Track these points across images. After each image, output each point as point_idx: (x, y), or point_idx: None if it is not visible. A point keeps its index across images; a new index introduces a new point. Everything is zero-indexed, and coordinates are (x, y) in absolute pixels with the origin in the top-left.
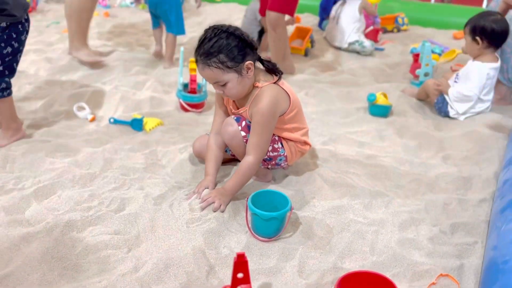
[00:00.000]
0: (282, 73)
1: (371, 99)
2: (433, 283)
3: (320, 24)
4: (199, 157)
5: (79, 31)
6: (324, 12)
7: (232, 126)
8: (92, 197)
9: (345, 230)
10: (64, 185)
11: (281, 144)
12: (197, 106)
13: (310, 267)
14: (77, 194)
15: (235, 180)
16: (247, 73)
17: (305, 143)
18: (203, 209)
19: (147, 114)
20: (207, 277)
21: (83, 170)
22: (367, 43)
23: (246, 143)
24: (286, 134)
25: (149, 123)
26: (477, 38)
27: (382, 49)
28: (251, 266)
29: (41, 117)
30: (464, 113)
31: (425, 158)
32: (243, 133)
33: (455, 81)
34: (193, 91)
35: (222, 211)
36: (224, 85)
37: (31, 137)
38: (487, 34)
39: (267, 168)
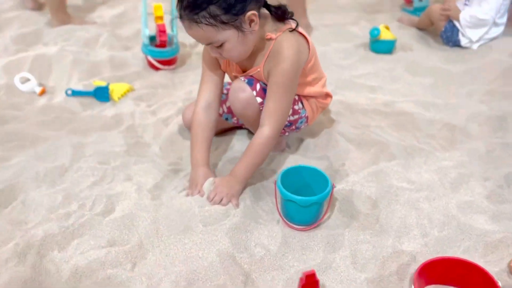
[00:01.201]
0: (293, 15)
1: (375, 33)
2: None
3: None
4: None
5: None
6: None
7: (245, 92)
8: (67, 198)
9: (392, 201)
10: (26, 186)
11: (302, 103)
12: (169, 62)
13: (364, 256)
14: (47, 197)
15: (248, 162)
16: (250, 27)
17: (327, 95)
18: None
19: (110, 79)
20: None
21: (48, 164)
22: None
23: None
24: (307, 90)
25: (116, 90)
26: None
27: None
28: (294, 263)
29: None
30: (477, 41)
31: (446, 98)
32: (259, 100)
33: (466, 4)
34: (162, 45)
35: (237, 206)
36: (221, 46)
37: None
38: None
39: (283, 134)
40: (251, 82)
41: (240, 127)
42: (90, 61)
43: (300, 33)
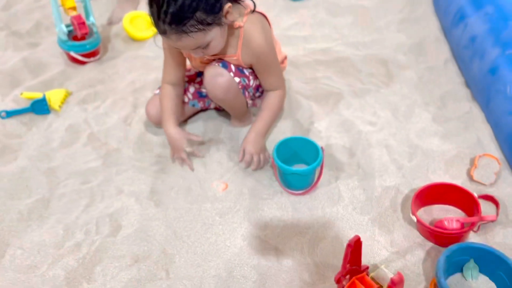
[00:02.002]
0: None
1: None
2: (475, 166)
3: None
4: (160, 124)
5: None
6: None
7: (223, 76)
8: (68, 229)
9: (365, 146)
10: (14, 230)
11: None
12: (94, 54)
13: (360, 200)
14: (46, 234)
15: (268, 119)
16: (227, 18)
17: (284, 58)
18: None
19: (37, 87)
20: (279, 261)
21: (26, 200)
22: None
23: (242, 88)
24: None
25: (53, 98)
26: None
27: None
28: (309, 225)
29: None
30: None
31: (369, 34)
32: (237, 79)
33: None
34: (82, 37)
35: (269, 158)
36: (207, 46)
37: None
38: None
39: (254, 106)
40: (225, 65)
41: (205, 110)
42: (1, 70)
43: (260, 13)
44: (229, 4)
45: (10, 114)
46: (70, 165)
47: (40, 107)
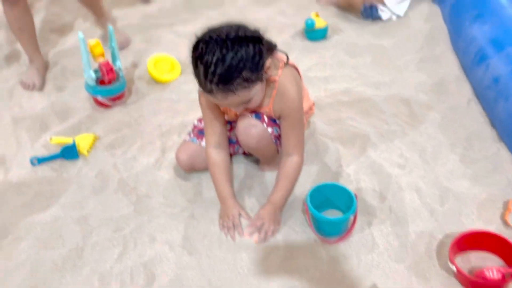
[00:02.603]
0: (276, 46)
1: (311, 24)
2: (509, 210)
3: None
4: (191, 170)
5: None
6: None
7: (256, 127)
8: (103, 280)
9: (395, 190)
10: (49, 281)
11: None
12: (119, 97)
13: (394, 246)
14: (81, 284)
15: (285, 190)
16: (267, 73)
17: (312, 105)
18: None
19: (65, 131)
20: None
21: (60, 249)
22: None
23: (274, 138)
24: None
25: (82, 144)
26: None
27: None
28: (346, 274)
29: None
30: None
31: (389, 73)
32: (270, 130)
33: None
34: (108, 82)
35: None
36: (249, 101)
37: None
38: None
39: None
40: (258, 116)
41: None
42: (30, 116)
43: (292, 65)
44: (269, 60)
45: (41, 160)
46: (102, 212)
47: (70, 152)
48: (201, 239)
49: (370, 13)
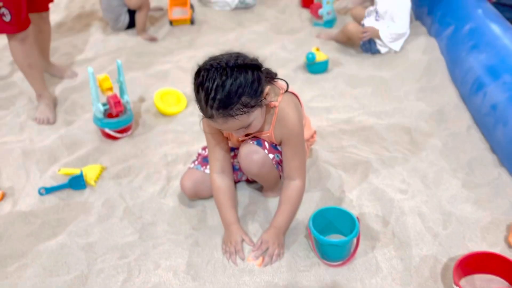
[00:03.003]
0: (276, 75)
1: (312, 58)
2: None
3: None
4: (195, 197)
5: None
6: None
7: (258, 153)
8: None
9: (398, 214)
10: None
11: None
12: (126, 130)
13: (398, 270)
14: None
15: (288, 214)
16: (266, 99)
17: (314, 133)
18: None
19: (73, 163)
20: None
21: (64, 276)
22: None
23: (275, 164)
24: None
25: (89, 174)
26: None
27: None
28: None
29: None
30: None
31: (390, 103)
32: (271, 156)
33: (377, 19)
34: (116, 114)
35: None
36: (249, 126)
37: None
38: None
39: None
40: (260, 143)
41: (237, 182)
42: (40, 148)
43: (292, 93)
44: (268, 87)
45: (49, 190)
46: (107, 240)
47: (77, 183)
48: (204, 265)
49: (369, 47)
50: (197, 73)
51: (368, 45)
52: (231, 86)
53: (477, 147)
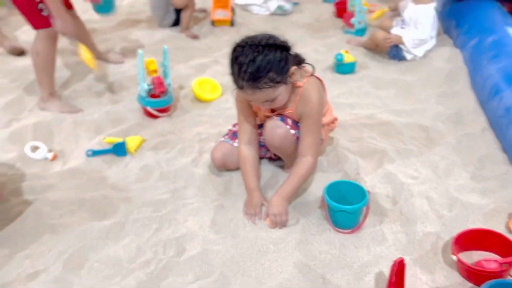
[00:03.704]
0: (304, 60)
1: (340, 58)
2: None
3: None
4: (223, 168)
5: (47, 81)
6: None
7: (281, 128)
8: (140, 248)
9: (407, 196)
10: (93, 246)
11: None
12: (166, 110)
13: (402, 242)
14: (121, 250)
15: (295, 184)
16: (291, 78)
17: (334, 119)
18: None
19: (117, 133)
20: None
21: (105, 222)
22: (287, 5)
23: (296, 139)
24: (323, 120)
25: (130, 143)
26: None
27: (297, 4)
28: (355, 260)
29: None
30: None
31: (411, 104)
32: (292, 131)
33: (402, 27)
34: (157, 95)
35: (287, 221)
36: (274, 99)
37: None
38: None
39: None
40: (283, 119)
41: (261, 158)
42: (88, 120)
43: (317, 77)
44: (294, 67)
45: (95, 153)
46: (143, 196)
47: (120, 149)
48: (227, 223)
49: (396, 54)
50: (234, 49)
51: (395, 52)
52: (261, 61)
53: (490, 146)
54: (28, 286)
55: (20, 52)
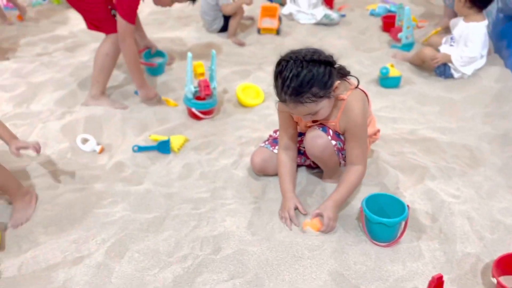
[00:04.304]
0: (349, 72)
1: (385, 72)
2: None
3: None
4: (262, 173)
5: (103, 81)
6: None
7: (322, 138)
8: (178, 243)
9: (447, 214)
10: (134, 237)
11: None
12: (210, 112)
13: (440, 261)
14: (160, 243)
15: (346, 192)
16: (335, 92)
17: (377, 131)
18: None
19: (162, 132)
20: None
21: (146, 215)
22: (334, 15)
23: (337, 150)
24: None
25: (175, 142)
26: None
27: (344, 15)
28: (390, 274)
29: (44, 160)
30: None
31: (455, 122)
32: (333, 142)
33: (451, 45)
34: (202, 97)
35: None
36: (316, 113)
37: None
38: None
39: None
40: (325, 130)
41: (300, 166)
42: (136, 118)
43: (361, 89)
44: (338, 81)
45: (140, 149)
46: (184, 193)
47: (164, 147)
48: (264, 226)
49: (443, 71)
50: (278, 63)
51: (442, 69)
52: (304, 77)
53: None
54: (72, 269)
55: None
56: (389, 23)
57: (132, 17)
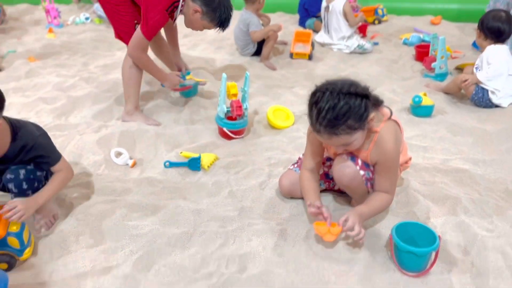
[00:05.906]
0: (383, 102)
1: (418, 101)
2: None
3: (302, 23)
4: (289, 195)
5: (135, 95)
6: (306, 11)
7: (350, 168)
8: (204, 260)
9: (481, 248)
10: (162, 251)
11: None
12: (240, 132)
13: None
14: (187, 259)
15: (372, 210)
16: (369, 124)
17: (408, 159)
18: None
19: (193, 149)
20: None
21: (174, 230)
22: (367, 45)
23: (365, 180)
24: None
25: (205, 160)
26: (478, 29)
27: (377, 44)
28: None
29: (79, 171)
30: (505, 95)
31: (489, 154)
32: (362, 172)
33: (476, 68)
34: (233, 118)
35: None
36: (349, 144)
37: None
38: (483, 27)
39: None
40: (353, 159)
41: (329, 190)
42: (168, 134)
43: (394, 120)
44: (373, 114)
45: (172, 164)
46: (212, 211)
47: (194, 164)
48: (290, 248)
49: (482, 97)
50: (313, 93)
51: (480, 94)
52: (340, 109)
53: None
54: (100, 278)
55: None
56: (422, 53)
57: (151, 35)
